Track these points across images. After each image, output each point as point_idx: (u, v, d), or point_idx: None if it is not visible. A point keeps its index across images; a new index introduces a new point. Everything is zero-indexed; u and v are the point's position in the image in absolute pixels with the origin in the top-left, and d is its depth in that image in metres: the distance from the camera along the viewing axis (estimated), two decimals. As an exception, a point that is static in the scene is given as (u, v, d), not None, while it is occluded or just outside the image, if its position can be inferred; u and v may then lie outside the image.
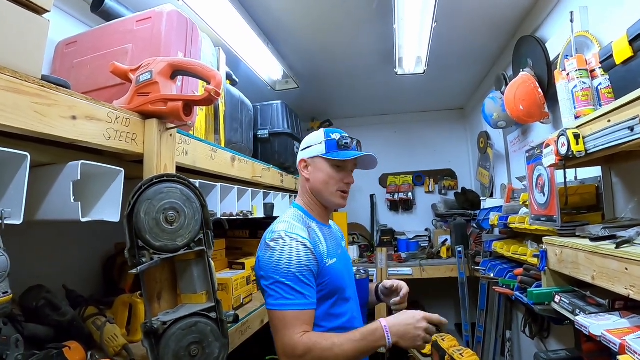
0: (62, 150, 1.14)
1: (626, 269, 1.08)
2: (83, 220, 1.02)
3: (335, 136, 1.48)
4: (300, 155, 1.53)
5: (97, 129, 1.06)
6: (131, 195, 1.06)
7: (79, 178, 1.01)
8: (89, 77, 1.50)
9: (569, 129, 1.31)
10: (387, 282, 1.66)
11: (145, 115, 1.22)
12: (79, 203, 1.01)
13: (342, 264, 1.46)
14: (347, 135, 1.51)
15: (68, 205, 1.02)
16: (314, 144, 1.50)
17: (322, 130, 1.52)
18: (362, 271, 1.67)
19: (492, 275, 2.47)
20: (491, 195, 3.57)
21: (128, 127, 1.16)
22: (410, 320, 1.29)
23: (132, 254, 1.04)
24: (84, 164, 1.02)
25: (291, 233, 1.32)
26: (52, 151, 1.12)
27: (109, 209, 1.11)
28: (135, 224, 1.04)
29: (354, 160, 1.49)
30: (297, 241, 1.30)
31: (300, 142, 2.80)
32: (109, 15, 1.64)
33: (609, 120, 1.14)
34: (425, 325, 1.28)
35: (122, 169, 1.12)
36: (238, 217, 1.68)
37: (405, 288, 1.61)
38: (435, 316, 1.33)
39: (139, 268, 1.00)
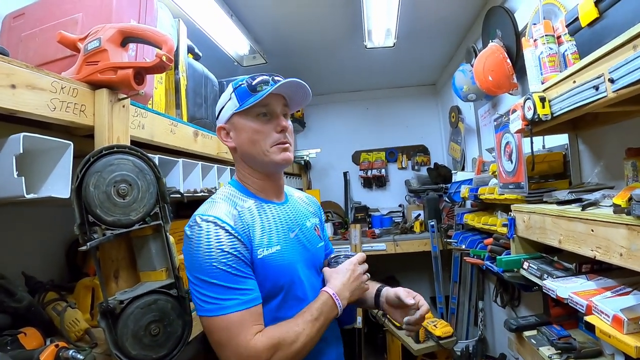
0: (6, 124, 1.06)
1: (592, 230, 1.08)
2: (28, 196, 0.95)
3: (245, 82, 1.15)
4: (217, 125, 1.22)
5: (40, 99, 0.99)
6: (79, 167, 0.99)
7: (22, 151, 0.94)
8: (38, 50, 1.42)
9: (535, 92, 1.30)
10: (402, 293, 1.24)
11: (95, 85, 1.15)
12: (22, 178, 0.94)
13: (292, 252, 1.17)
14: (261, 73, 1.18)
15: (12, 181, 0.95)
16: (224, 102, 1.19)
17: (231, 84, 1.21)
18: (341, 258, 1.26)
19: (463, 246, 2.49)
20: (463, 169, 3.60)
21: (76, 98, 1.09)
22: (349, 274, 1.17)
23: (83, 231, 0.98)
24: (26, 136, 0.95)
25: (207, 215, 1.05)
26: (-5, 125, 1.04)
27: (57, 185, 1.04)
28: (84, 199, 0.98)
29: (280, 100, 1.18)
30: (215, 224, 1.02)
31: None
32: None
33: (574, 81, 1.13)
34: (361, 269, 1.20)
35: (70, 142, 1.05)
36: (203, 193, 1.62)
37: (425, 307, 1.23)
38: (358, 256, 1.23)
39: (88, 244, 0.95)
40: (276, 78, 1.14)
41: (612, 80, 0.94)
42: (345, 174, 4.70)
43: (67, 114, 1.06)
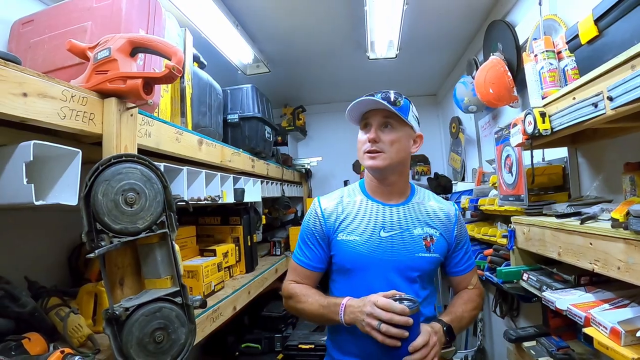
0: (16, 131, 1.08)
1: (590, 243, 1.10)
2: (37, 203, 0.96)
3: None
4: None
5: (50, 108, 1.00)
6: (88, 175, 1.01)
7: (32, 159, 0.96)
8: (46, 57, 1.43)
9: (535, 107, 1.32)
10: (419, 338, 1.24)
11: (104, 94, 1.16)
12: (32, 185, 0.95)
13: (371, 247, 1.35)
14: (374, 92, 1.36)
15: (21, 188, 0.96)
16: None
17: None
18: (401, 300, 1.20)
19: (463, 257, 2.50)
20: (463, 180, 3.61)
21: (85, 106, 1.10)
22: (360, 303, 1.24)
23: (91, 238, 1.00)
24: (36, 144, 0.97)
25: (318, 199, 1.50)
26: (5, 132, 1.05)
27: (65, 192, 1.05)
28: (92, 206, 0.99)
29: (378, 114, 1.37)
30: (314, 206, 1.48)
31: (271, 127, 2.77)
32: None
33: (574, 98, 1.15)
34: (369, 310, 1.18)
35: (79, 150, 1.06)
36: (206, 201, 1.63)
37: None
38: (382, 301, 1.17)
39: (96, 252, 0.96)
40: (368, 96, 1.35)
41: (610, 98, 0.96)
42: (345, 182, 4.70)
43: (77, 122, 1.07)
